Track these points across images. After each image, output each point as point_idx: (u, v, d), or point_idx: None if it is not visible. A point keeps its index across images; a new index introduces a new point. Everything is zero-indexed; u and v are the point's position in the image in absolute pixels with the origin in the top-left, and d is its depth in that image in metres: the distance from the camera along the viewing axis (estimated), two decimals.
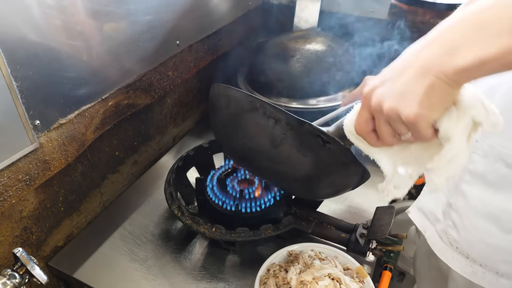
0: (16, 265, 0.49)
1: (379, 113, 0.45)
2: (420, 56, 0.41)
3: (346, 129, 0.54)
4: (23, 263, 0.48)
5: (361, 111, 0.48)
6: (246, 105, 0.64)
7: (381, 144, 0.49)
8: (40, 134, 0.66)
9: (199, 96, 1.29)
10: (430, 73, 0.40)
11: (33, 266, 0.48)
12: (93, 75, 0.75)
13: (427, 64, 0.40)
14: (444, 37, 0.40)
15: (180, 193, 0.92)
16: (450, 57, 0.39)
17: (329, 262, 0.72)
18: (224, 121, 0.72)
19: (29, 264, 0.48)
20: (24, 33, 0.59)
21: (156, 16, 0.86)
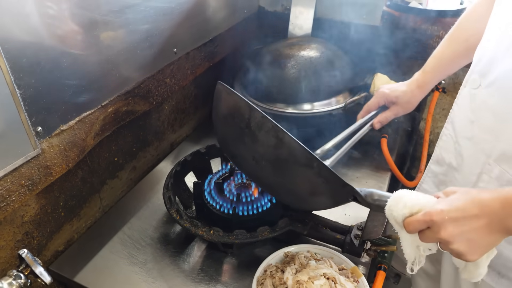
0: (21, 266, 0.50)
1: (444, 244, 0.53)
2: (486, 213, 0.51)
3: (389, 212, 0.60)
4: (28, 264, 0.50)
5: (421, 222, 0.54)
6: (303, 159, 0.65)
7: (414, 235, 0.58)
8: (42, 140, 0.68)
9: (196, 102, 1.31)
10: (498, 231, 0.51)
11: (37, 267, 0.50)
12: (93, 83, 0.77)
13: (495, 224, 0.50)
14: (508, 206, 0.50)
15: (178, 197, 0.94)
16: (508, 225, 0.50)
17: (324, 262, 0.74)
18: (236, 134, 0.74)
19: (34, 265, 0.50)
20: (27, 42, 0.61)
21: (153, 25, 0.89)
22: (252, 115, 0.67)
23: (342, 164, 1.13)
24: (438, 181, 0.83)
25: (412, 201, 0.57)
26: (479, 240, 0.51)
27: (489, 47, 0.68)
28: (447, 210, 0.52)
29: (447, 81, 1.41)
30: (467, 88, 0.73)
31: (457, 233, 0.51)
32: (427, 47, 1.29)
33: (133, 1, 0.81)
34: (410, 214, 0.57)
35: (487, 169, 0.67)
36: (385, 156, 1.15)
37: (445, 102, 1.49)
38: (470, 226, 0.51)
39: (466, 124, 0.72)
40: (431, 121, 1.40)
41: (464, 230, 0.51)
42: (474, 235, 0.51)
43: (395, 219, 0.59)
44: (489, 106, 0.66)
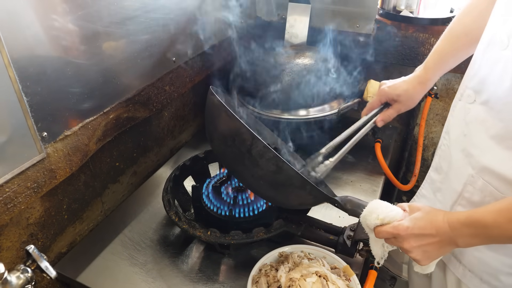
0: (28, 262, 0.54)
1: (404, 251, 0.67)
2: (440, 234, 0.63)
3: (363, 221, 0.72)
4: (35, 259, 0.53)
5: (389, 233, 0.67)
6: (297, 182, 0.72)
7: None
8: (47, 145, 0.72)
9: (195, 109, 1.35)
10: (448, 246, 0.64)
11: (43, 262, 0.53)
12: (96, 90, 0.81)
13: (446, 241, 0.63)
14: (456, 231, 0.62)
15: (177, 201, 0.97)
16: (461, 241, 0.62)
17: (317, 261, 0.77)
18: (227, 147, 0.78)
19: (40, 260, 0.53)
20: (35, 53, 0.66)
21: (153, 36, 0.93)
22: (254, 144, 0.71)
23: (337, 168, 1.15)
24: (435, 188, 0.86)
25: (383, 214, 0.69)
26: (432, 252, 0.65)
27: (483, 65, 0.70)
28: (411, 228, 0.65)
29: (439, 87, 1.44)
30: (462, 102, 0.75)
31: (416, 246, 0.65)
32: (418, 54, 1.33)
33: (133, 13, 0.86)
34: (381, 224, 0.68)
35: (470, 181, 0.71)
36: (379, 160, 1.18)
37: (438, 107, 1.52)
38: (427, 242, 0.64)
39: (459, 136, 0.75)
40: (424, 126, 1.43)
41: (422, 244, 0.64)
42: (429, 248, 0.65)
43: (368, 226, 0.71)
44: (481, 122, 0.69)
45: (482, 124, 0.68)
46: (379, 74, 1.52)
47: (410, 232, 0.65)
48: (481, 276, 0.74)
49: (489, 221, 0.58)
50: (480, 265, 0.73)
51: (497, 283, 0.72)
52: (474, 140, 0.70)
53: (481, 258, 0.73)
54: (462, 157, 0.73)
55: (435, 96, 1.41)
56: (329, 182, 1.12)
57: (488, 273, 0.73)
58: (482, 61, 0.71)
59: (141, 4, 0.87)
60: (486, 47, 0.70)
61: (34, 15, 0.64)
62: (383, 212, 0.69)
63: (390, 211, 0.69)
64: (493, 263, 0.71)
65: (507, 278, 0.70)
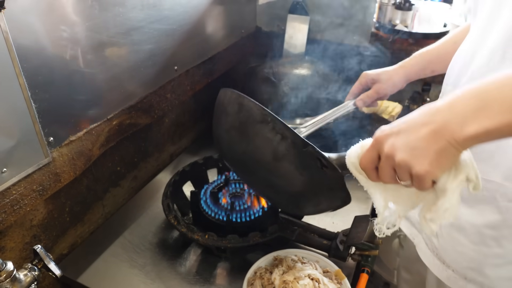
0: (34, 260, 0.57)
1: (389, 159, 0.50)
2: (434, 119, 0.47)
3: (348, 160, 0.58)
4: (42, 258, 0.56)
5: (370, 150, 0.53)
6: (258, 116, 0.66)
7: (379, 181, 0.54)
8: (53, 149, 0.75)
9: (195, 116, 1.38)
10: (443, 137, 0.46)
11: (49, 261, 0.56)
12: (100, 98, 0.84)
13: (440, 128, 0.46)
14: (456, 106, 0.46)
15: (176, 205, 1.00)
16: (461, 127, 0.45)
17: (310, 265, 0.80)
18: (230, 127, 0.74)
19: (46, 259, 0.56)
20: (43, 62, 0.69)
21: (156, 45, 0.97)
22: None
23: None
24: None
25: (366, 141, 0.56)
26: (423, 147, 0.47)
27: (458, 60, 0.75)
28: (391, 127, 0.51)
29: (432, 98, 1.48)
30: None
31: (400, 144, 0.49)
32: None
33: (138, 23, 0.89)
34: (363, 151, 0.55)
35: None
36: None
37: None
38: (415, 135, 0.48)
39: None
40: None
41: (409, 140, 0.48)
42: (418, 143, 0.47)
43: (354, 165, 0.57)
44: None
45: None
46: None
47: (390, 131, 0.50)
48: (466, 274, 0.74)
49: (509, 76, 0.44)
50: (463, 261, 0.73)
51: (482, 279, 0.71)
52: None
53: (464, 253, 0.73)
54: None
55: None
56: None
57: (473, 268, 0.72)
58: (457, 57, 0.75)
59: (145, 15, 0.91)
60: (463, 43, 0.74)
61: (44, 26, 0.68)
62: (366, 140, 0.57)
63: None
64: (477, 256, 0.71)
65: (491, 270, 0.70)
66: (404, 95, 1.55)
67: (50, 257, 0.57)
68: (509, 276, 0.69)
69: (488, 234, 0.69)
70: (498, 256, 0.69)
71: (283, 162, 0.67)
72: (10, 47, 0.62)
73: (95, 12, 0.77)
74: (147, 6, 0.90)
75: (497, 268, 0.70)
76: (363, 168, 0.55)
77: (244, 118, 0.70)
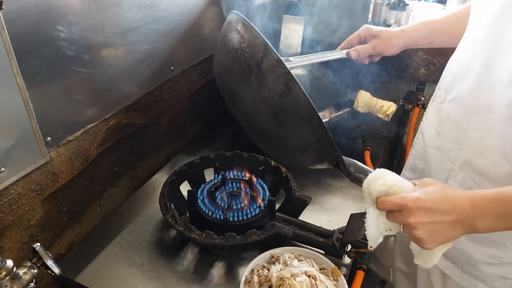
0: (34, 259, 0.57)
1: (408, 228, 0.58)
2: (457, 210, 0.55)
3: (365, 186, 0.63)
4: (41, 256, 0.56)
5: (396, 203, 0.58)
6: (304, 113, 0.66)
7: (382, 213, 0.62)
8: (50, 149, 0.75)
9: (191, 116, 1.39)
10: (462, 228, 0.56)
11: (48, 260, 0.56)
12: (98, 98, 0.85)
13: (461, 221, 0.56)
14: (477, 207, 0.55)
15: (173, 204, 1.00)
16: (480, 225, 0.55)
17: (306, 262, 0.81)
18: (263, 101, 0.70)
19: (45, 258, 0.56)
20: (41, 62, 0.69)
21: (153, 46, 0.97)
22: (267, 55, 0.63)
23: (327, 174, 1.21)
24: None
25: (392, 181, 0.59)
26: (441, 233, 0.56)
27: (453, 67, 0.77)
28: (423, 200, 0.56)
29: (427, 97, 1.50)
30: (435, 103, 0.81)
31: (424, 222, 0.56)
32: (407, 66, 1.38)
33: (135, 24, 0.90)
34: (386, 193, 0.59)
35: (452, 175, 0.75)
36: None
37: None
38: (438, 219, 0.55)
39: (433, 134, 0.80)
40: (412, 135, 1.49)
41: (432, 221, 0.55)
42: (439, 227, 0.56)
43: (370, 194, 0.61)
44: (452, 119, 0.74)
45: (453, 120, 0.74)
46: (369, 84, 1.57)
47: (421, 205, 0.56)
48: (463, 266, 0.77)
49: None
50: (461, 256, 0.77)
51: (477, 273, 0.75)
52: (450, 136, 0.75)
53: (463, 250, 0.76)
54: (439, 154, 0.78)
55: (422, 106, 1.47)
56: (319, 188, 1.16)
57: (469, 263, 0.76)
58: (451, 64, 0.77)
59: (142, 16, 0.91)
60: (457, 49, 0.76)
61: (42, 27, 0.68)
62: (391, 179, 0.60)
63: (400, 181, 0.60)
64: (474, 254, 0.74)
65: (485, 268, 0.74)
66: (399, 94, 1.57)
67: (49, 255, 0.57)
68: (502, 274, 0.73)
69: (488, 237, 0.71)
70: (494, 257, 0.72)
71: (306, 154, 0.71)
72: (8, 47, 0.62)
73: (92, 13, 0.78)
74: (144, 7, 0.91)
75: (492, 266, 0.73)
76: (379, 206, 0.61)
77: (287, 105, 0.66)
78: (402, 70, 1.39)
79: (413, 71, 1.38)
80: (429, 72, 1.37)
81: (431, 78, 1.37)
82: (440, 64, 1.33)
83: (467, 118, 0.70)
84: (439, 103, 0.79)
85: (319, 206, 1.10)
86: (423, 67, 1.37)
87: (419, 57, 1.36)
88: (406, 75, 1.39)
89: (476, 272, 0.75)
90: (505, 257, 0.71)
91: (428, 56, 1.34)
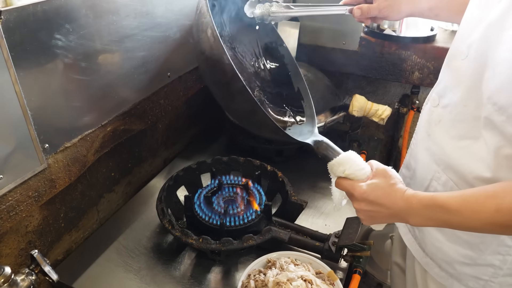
0: (32, 265, 0.57)
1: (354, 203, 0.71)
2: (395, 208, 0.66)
3: (329, 167, 0.75)
4: (39, 263, 0.57)
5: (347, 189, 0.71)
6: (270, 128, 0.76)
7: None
8: (48, 156, 0.76)
9: (188, 121, 1.40)
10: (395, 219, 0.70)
11: (46, 266, 0.57)
12: (95, 104, 0.85)
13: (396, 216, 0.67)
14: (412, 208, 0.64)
15: (170, 210, 1.01)
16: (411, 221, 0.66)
17: (302, 267, 0.81)
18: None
19: (43, 264, 0.57)
20: (39, 70, 0.70)
21: (149, 52, 0.98)
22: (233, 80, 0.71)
23: (323, 178, 1.21)
24: (406, 183, 0.92)
25: (350, 171, 0.71)
26: (378, 220, 0.70)
27: (447, 75, 0.78)
28: (368, 193, 0.67)
29: (421, 101, 1.52)
30: (428, 105, 0.83)
31: (365, 210, 0.69)
32: (401, 70, 1.40)
33: (131, 31, 0.91)
34: (345, 177, 0.71)
35: (436, 176, 0.78)
36: None
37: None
38: (377, 210, 0.67)
39: (423, 136, 0.83)
40: (407, 138, 1.50)
41: (371, 210, 0.68)
42: (376, 215, 0.68)
43: (334, 173, 0.74)
44: (442, 124, 0.76)
45: (443, 126, 0.76)
46: (364, 88, 1.59)
47: (365, 197, 0.67)
48: (440, 264, 0.81)
49: (452, 208, 0.60)
50: (439, 254, 0.80)
51: (453, 271, 0.79)
52: (437, 140, 0.77)
53: (440, 248, 0.79)
54: (427, 155, 0.81)
55: (417, 109, 1.49)
56: (315, 191, 1.17)
57: (446, 261, 0.79)
58: (446, 70, 0.78)
59: (138, 23, 0.92)
60: (451, 56, 0.77)
61: (40, 36, 0.69)
62: (351, 168, 0.70)
63: (358, 170, 0.70)
64: (451, 253, 0.77)
65: (460, 267, 0.77)
66: (394, 98, 1.59)
67: (47, 262, 0.58)
68: (475, 274, 0.76)
69: (464, 238, 0.75)
70: (468, 258, 0.75)
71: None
72: (6, 56, 0.63)
73: (89, 21, 0.79)
74: (140, 14, 0.92)
75: (467, 266, 0.76)
76: (336, 185, 0.75)
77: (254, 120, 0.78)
78: (396, 73, 1.41)
79: (407, 75, 1.40)
80: (423, 75, 1.39)
81: (425, 82, 1.39)
82: (434, 68, 1.35)
83: (455, 126, 0.72)
84: (433, 106, 0.80)
85: (316, 210, 1.11)
86: (417, 71, 1.39)
87: (413, 61, 1.38)
88: (401, 79, 1.41)
89: (452, 271, 0.79)
90: (478, 258, 0.74)
91: (422, 60, 1.36)
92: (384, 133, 1.62)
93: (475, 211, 0.58)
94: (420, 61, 1.37)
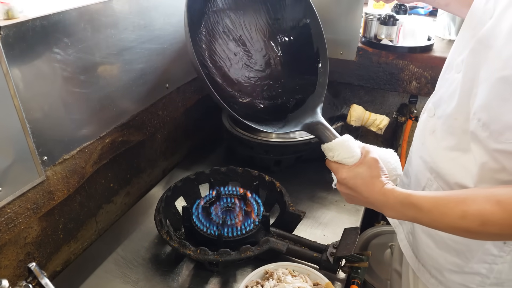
0: (29, 278, 0.58)
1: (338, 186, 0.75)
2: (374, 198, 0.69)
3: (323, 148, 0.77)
4: (36, 275, 0.57)
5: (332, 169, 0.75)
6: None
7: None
8: (47, 168, 0.77)
9: (187, 132, 1.40)
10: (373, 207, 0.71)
11: (43, 279, 0.57)
12: (93, 117, 0.86)
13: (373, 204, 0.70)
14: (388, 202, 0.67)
15: (168, 220, 1.01)
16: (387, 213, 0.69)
17: (300, 278, 0.81)
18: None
19: (41, 277, 0.57)
20: (38, 83, 0.71)
21: (148, 64, 0.99)
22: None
23: (322, 188, 1.22)
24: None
25: (339, 157, 0.74)
26: (357, 203, 0.74)
27: (442, 84, 0.79)
28: (348, 180, 0.71)
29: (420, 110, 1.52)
30: (425, 115, 0.84)
31: (344, 192, 0.73)
32: (399, 80, 1.41)
33: (129, 44, 0.92)
34: (335, 161, 0.74)
35: (429, 184, 0.79)
36: None
37: None
38: (355, 196, 0.71)
39: (418, 144, 0.84)
40: (406, 147, 1.50)
41: (350, 194, 0.72)
42: (355, 200, 0.73)
43: (326, 153, 0.77)
44: (435, 134, 0.77)
45: (436, 136, 0.77)
46: (362, 98, 1.60)
47: (345, 182, 0.71)
48: (430, 271, 0.82)
49: (424, 208, 0.63)
50: (430, 260, 0.82)
51: (442, 278, 0.80)
52: (430, 149, 0.79)
53: (430, 255, 0.81)
54: (421, 163, 0.82)
55: (415, 119, 1.49)
56: (313, 201, 1.18)
57: (436, 268, 0.81)
58: (442, 81, 0.80)
59: (137, 36, 0.94)
60: (446, 68, 0.79)
61: (39, 50, 0.70)
62: (340, 155, 0.73)
63: (347, 158, 0.73)
64: (440, 260, 0.79)
65: (449, 274, 0.78)
66: (392, 107, 1.59)
67: (44, 275, 0.58)
68: (462, 282, 0.77)
69: (452, 246, 0.76)
70: (456, 265, 0.76)
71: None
72: (6, 70, 0.64)
73: (88, 35, 0.80)
74: (138, 27, 0.93)
75: (454, 273, 0.77)
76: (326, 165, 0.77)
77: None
78: (394, 83, 1.42)
79: (405, 84, 1.41)
80: (421, 85, 1.40)
81: (423, 91, 1.40)
82: (431, 77, 1.36)
83: (447, 137, 0.74)
84: (429, 116, 0.81)
85: (314, 220, 1.11)
86: (414, 80, 1.40)
87: (410, 70, 1.39)
88: (399, 88, 1.42)
89: (441, 278, 0.80)
90: (465, 266, 0.75)
91: (420, 69, 1.37)
92: (382, 143, 1.62)
93: (443, 214, 0.60)
94: (417, 71, 1.38)
